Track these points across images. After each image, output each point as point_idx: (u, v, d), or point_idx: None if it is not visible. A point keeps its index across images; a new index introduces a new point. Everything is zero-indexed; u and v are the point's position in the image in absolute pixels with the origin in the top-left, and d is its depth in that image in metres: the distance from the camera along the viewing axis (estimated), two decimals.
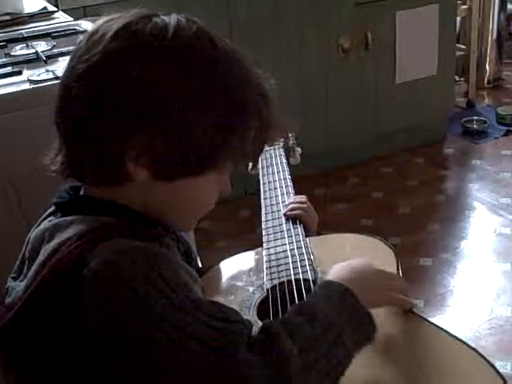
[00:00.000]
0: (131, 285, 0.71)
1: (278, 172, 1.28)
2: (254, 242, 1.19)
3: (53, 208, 0.88)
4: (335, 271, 0.90)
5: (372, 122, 3.15)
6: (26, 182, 1.23)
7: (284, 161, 1.31)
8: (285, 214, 1.20)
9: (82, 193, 0.87)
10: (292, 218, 1.18)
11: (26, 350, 0.78)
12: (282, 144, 1.38)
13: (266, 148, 1.35)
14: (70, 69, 0.81)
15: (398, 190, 3.01)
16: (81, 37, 0.84)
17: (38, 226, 0.88)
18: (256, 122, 0.83)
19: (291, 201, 1.24)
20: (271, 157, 1.33)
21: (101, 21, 0.82)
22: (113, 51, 0.77)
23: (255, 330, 0.74)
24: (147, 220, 0.84)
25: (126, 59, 0.77)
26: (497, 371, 0.83)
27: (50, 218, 0.86)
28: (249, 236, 2.37)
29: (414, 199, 2.92)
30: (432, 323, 0.93)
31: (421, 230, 2.70)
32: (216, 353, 0.68)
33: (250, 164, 1.32)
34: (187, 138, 0.78)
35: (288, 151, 1.36)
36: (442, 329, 0.91)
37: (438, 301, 2.28)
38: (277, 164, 1.30)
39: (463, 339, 0.90)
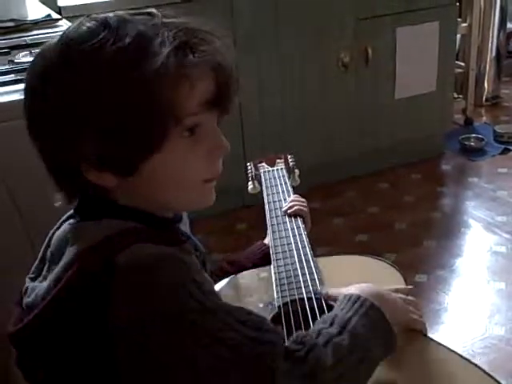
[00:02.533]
0: (165, 289, 0.71)
1: (283, 192, 1.32)
2: None
3: (72, 211, 0.88)
4: (357, 289, 0.91)
5: (370, 137, 3.16)
6: (26, 190, 1.23)
7: (287, 181, 1.34)
8: (286, 211, 1.25)
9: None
10: (293, 215, 1.24)
11: (44, 350, 0.77)
12: (284, 165, 1.40)
13: (270, 169, 1.38)
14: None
15: (394, 205, 3.02)
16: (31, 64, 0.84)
17: (58, 228, 0.88)
18: (196, 76, 0.77)
19: (292, 199, 1.28)
20: (274, 177, 1.37)
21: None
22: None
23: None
24: (167, 227, 0.85)
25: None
26: None
27: (70, 221, 0.86)
28: (245, 249, 2.37)
29: (411, 215, 2.93)
30: (443, 345, 0.95)
31: (416, 246, 2.70)
32: (252, 361, 0.69)
33: (250, 184, 1.35)
34: (123, 127, 0.75)
35: (288, 173, 1.39)
36: (451, 350, 0.93)
37: (432, 317, 2.28)
38: (281, 184, 1.34)
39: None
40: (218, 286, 1.08)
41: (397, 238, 2.75)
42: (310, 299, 1.00)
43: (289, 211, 1.26)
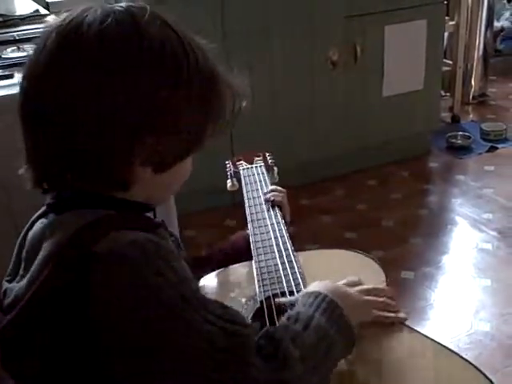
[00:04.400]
0: (143, 276, 0.72)
1: (262, 188, 1.33)
2: None
3: (43, 209, 0.88)
4: (317, 286, 0.93)
5: (358, 135, 3.17)
6: (17, 185, 1.22)
7: (266, 178, 1.36)
8: (266, 200, 1.28)
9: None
10: (272, 205, 1.27)
11: (28, 347, 0.77)
12: (262, 163, 1.42)
13: (249, 166, 1.39)
14: (42, 73, 0.78)
15: (381, 202, 3.04)
16: (40, 39, 0.81)
17: (29, 228, 0.88)
18: (226, 98, 0.87)
19: (271, 190, 1.31)
20: (253, 174, 1.38)
21: (62, 20, 0.80)
22: (98, 59, 0.77)
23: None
24: (138, 208, 0.86)
25: (112, 68, 0.77)
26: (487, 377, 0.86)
27: (41, 220, 0.86)
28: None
29: (398, 212, 2.95)
30: (422, 333, 0.96)
31: (403, 243, 2.72)
32: (225, 353, 0.70)
33: (229, 181, 1.37)
34: (181, 131, 0.82)
35: (267, 170, 1.41)
36: (432, 339, 0.94)
37: (418, 314, 2.30)
38: (260, 181, 1.35)
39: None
40: (202, 282, 1.09)
41: (384, 235, 2.77)
42: (291, 293, 1.01)
43: (268, 201, 1.29)
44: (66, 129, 0.78)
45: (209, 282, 1.11)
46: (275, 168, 1.43)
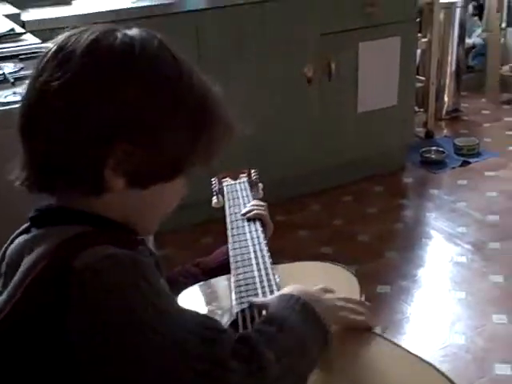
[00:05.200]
0: (119, 290, 0.72)
1: (244, 204, 1.34)
2: None
3: (25, 225, 0.89)
4: (290, 289, 0.95)
5: (333, 151, 3.20)
6: None
7: (249, 194, 1.38)
8: (244, 214, 1.29)
9: (54, 205, 0.87)
10: (252, 219, 1.28)
11: (4, 361, 0.78)
12: (246, 178, 1.44)
13: (232, 182, 1.41)
14: (40, 85, 0.81)
15: (357, 217, 3.06)
16: (45, 51, 0.85)
17: (10, 243, 0.89)
18: (218, 128, 0.88)
19: (252, 203, 1.33)
20: (236, 190, 1.40)
21: (64, 36, 0.84)
22: (86, 67, 0.80)
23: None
24: (118, 227, 0.86)
25: (100, 74, 0.80)
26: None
27: (23, 236, 0.87)
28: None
29: (373, 227, 2.97)
30: (396, 344, 0.98)
31: (379, 257, 2.75)
32: (203, 360, 0.71)
33: (214, 198, 1.38)
34: (161, 147, 0.83)
35: (251, 186, 1.42)
36: (407, 350, 0.96)
37: (395, 327, 2.32)
38: (242, 197, 1.37)
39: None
40: (180, 298, 1.10)
41: (360, 250, 2.79)
42: None
43: (248, 215, 1.30)
44: (45, 127, 0.81)
45: (187, 295, 1.12)
46: (260, 184, 1.45)
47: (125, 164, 0.81)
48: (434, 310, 2.42)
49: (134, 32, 0.85)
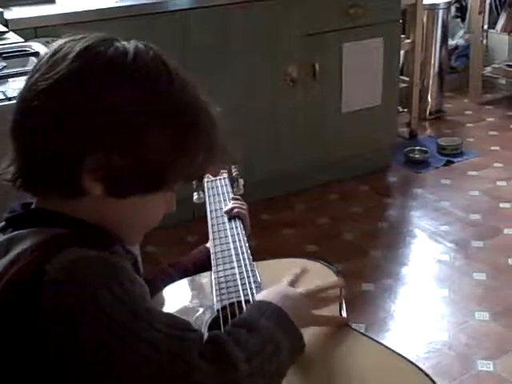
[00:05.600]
0: (90, 292, 0.73)
1: (225, 200, 1.35)
2: None
3: (1, 225, 0.89)
4: (262, 295, 0.97)
5: (318, 150, 3.22)
6: None
7: (229, 190, 1.38)
8: (226, 212, 1.30)
9: (33, 206, 0.88)
10: (234, 216, 1.29)
11: None
12: (226, 175, 1.45)
13: (213, 178, 1.41)
14: (31, 84, 0.83)
15: (342, 216, 3.08)
16: (42, 54, 0.87)
17: None
18: (205, 145, 0.88)
19: (233, 202, 1.34)
20: (217, 186, 1.40)
21: (62, 41, 0.86)
22: (75, 70, 0.81)
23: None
24: (98, 231, 0.87)
25: (87, 78, 0.81)
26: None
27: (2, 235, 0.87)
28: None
29: (358, 226, 2.99)
30: (369, 337, 0.99)
31: (363, 256, 2.77)
32: (170, 358, 0.72)
33: (195, 194, 1.38)
34: (142, 157, 0.82)
35: (232, 182, 1.43)
36: (379, 343, 0.97)
37: (379, 325, 2.34)
38: (223, 193, 1.37)
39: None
40: (161, 294, 1.11)
41: (345, 248, 2.81)
42: (247, 302, 1.03)
43: (230, 213, 1.31)
44: (34, 125, 0.82)
45: (168, 292, 1.12)
46: (241, 180, 1.45)
47: (102, 170, 0.81)
48: (418, 308, 2.44)
49: (130, 43, 0.86)
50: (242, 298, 1.03)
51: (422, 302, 2.47)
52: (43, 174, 0.83)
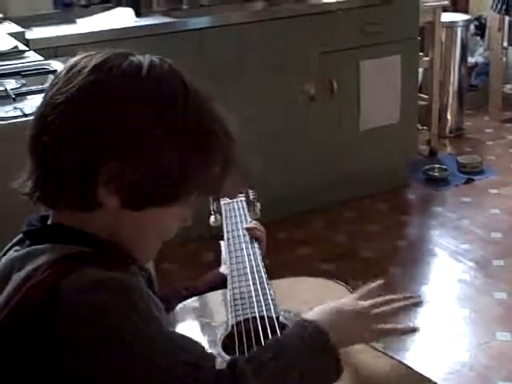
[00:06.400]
0: (106, 317, 0.73)
1: (242, 222, 1.36)
2: None
3: (19, 237, 0.89)
4: (316, 312, 0.94)
5: (336, 168, 3.20)
6: None
7: (246, 213, 1.40)
8: (247, 229, 1.32)
9: (50, 221, 0.88)
10: (252, 237, 1.30)
11: None
12: (244, 198, 1.46)
13: (230, 201, 1.42)
14: (48, 98, 0.84)
15: (360, 234, 3.06)
16: (59, 70, 0.88)
17: (3, 254, 0.89)
18: (220, 159, 0.88)
19: (254, 222, 1.35)
20: (234, 209, 1.42)
21: (79, 56, 0.87)
22: (89, 84, 0.82)
23: (219, 362, 0.77)
24: (113, 250, 0.87)
25: (102, 91, 0.82)
26: None
27: (16, 248, 0.88)
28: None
29: (376, 244, 2.97)
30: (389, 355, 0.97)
31: (382, 274, 2.71)
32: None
33: (212, 217, 1.39)
34: (157, 170, 0.83)
35: (249, 205, 1.43)
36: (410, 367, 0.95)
37: (398, 344, 2.30)
38: (240, 215, 1.39)
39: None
40: (177, 310, 1.12)
41: (363, 267, 2.78)
42: (262, 318, 1.02)
43: (250, 232, 1.32)
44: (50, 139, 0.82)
45: (184, 308, 1.12)
46: (257, 204, 1.46)
47: (117, 182, 0.82)
48: (438, 328, 2.40)
49: (145, 57, 0.86)
50: (257, 314, 1.03)
51: (442, 322, 2.43)
52: (59, 188, 0.83)
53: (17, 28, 2.50)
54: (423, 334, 2.37)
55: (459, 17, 4.08)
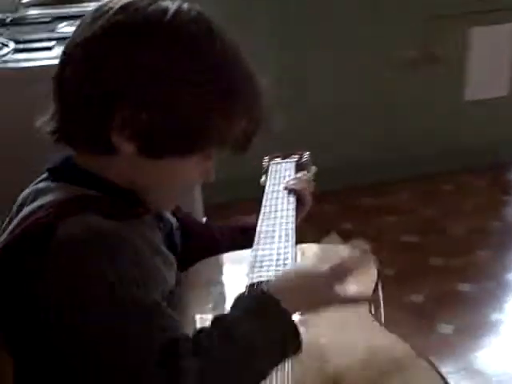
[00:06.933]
0: (86, 263, 0.75)
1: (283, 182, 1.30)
2: None
3: (46, 174, 0.91)
4: (278, 278, 0.89)
5: (434, 138, 3.07)
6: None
7: (292, 174, 1.33)
8: (284, 188, 1.25)
9: (72, 162, 0.89)
10: (290, 191, 1.24)
11: None
12: (295, 159, 1.40)
13: (279, 161, 1.37)
14: (74, 37, 0.85)
15: (452, 209, 2.92)
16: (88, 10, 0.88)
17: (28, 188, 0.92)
18: (245, 113, 0.86)
19: (294, 177, 1.29)
20: (280, 170, 1.36)
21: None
22: (112, 24, 0.82)
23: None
24: (130, 197, 0.87)
25: (124, 32, 0.81)
26: None
27: (40, 183, 0.90)
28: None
29: (468, 222, 2.81)
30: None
31: (467, 254, 2.60)
32: (130, 355, 0.71)
33: (264, 176, 1.35)
34: (174, 116, 0.81)
35: (300, 168, 1.37)
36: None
37: (469, 330, 2.19)
38: (284, 177, 1.32)
39: None
40: (196, 265, 1.09)
41: (448, 244, 2.66)
42: None
43: (289, 186, 1.26)
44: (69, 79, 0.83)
45: (202, 266, 1.10)
46: (312, 167, 1.40)
47: (132, 127, 0.81)
48: None
49: (174, 3, 0.85)
50: (273, 278, 0.98)
51: None
52: (76, 128, 0.84)
53: None
54: (499, 322, 2.23)
55: None
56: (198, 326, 0.89)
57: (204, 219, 1.65)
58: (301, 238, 1.14)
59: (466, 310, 2.29)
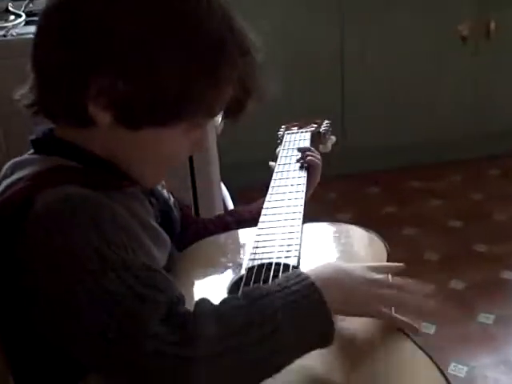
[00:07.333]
0: (67, 235, 0.71)
1: (297, 155, 1.21)
2: None
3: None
4: (319, 267, 0.81)
5: (484, 118, 2.94)
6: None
7: (307, 145, 1.24)
8: (298, 160, 1.18)
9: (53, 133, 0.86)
10: (303, 165, 1.17)
11: None
12: (311, 129, 1.31)
13: (294, 130, 1.29)
14: (48, 2, 0.80)
15: (499, 195, 2.79)
16: None
17: None
18: (234, 78, 0.80)
19: (306, 148, 1.21)
20: (295, 140, 1.27)
21: None
22: None
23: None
24: (113, 169, 0.83)
25: None
26: None
27: (22, 156, 0.87)
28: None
29: None
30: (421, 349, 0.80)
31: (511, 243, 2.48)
32: (127, 315, 0.66)
33: (279, 147, 1.27)
34: (152, 83, 0.76)
35: (318, 137, 1.28)
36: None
37: (510, 320, 2.09)
38: (297, 148, 1.24)
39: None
40: (198, 244, 1.04)
41: (492, 230, 2.54)
42: (277, 265, 0.91)
43: (301, 160, 1.19)
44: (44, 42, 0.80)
45: (205, 243, 1.05)
46: (332, 137, 1.31)
47: (108, 96, 0.76)
48: None
49: None
50: (274, 261, 0.92)
51: None
52: (53, 99, 0.80)
53: None
54: None
55: None
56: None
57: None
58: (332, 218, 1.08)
59: (508, 299, 2.19)
